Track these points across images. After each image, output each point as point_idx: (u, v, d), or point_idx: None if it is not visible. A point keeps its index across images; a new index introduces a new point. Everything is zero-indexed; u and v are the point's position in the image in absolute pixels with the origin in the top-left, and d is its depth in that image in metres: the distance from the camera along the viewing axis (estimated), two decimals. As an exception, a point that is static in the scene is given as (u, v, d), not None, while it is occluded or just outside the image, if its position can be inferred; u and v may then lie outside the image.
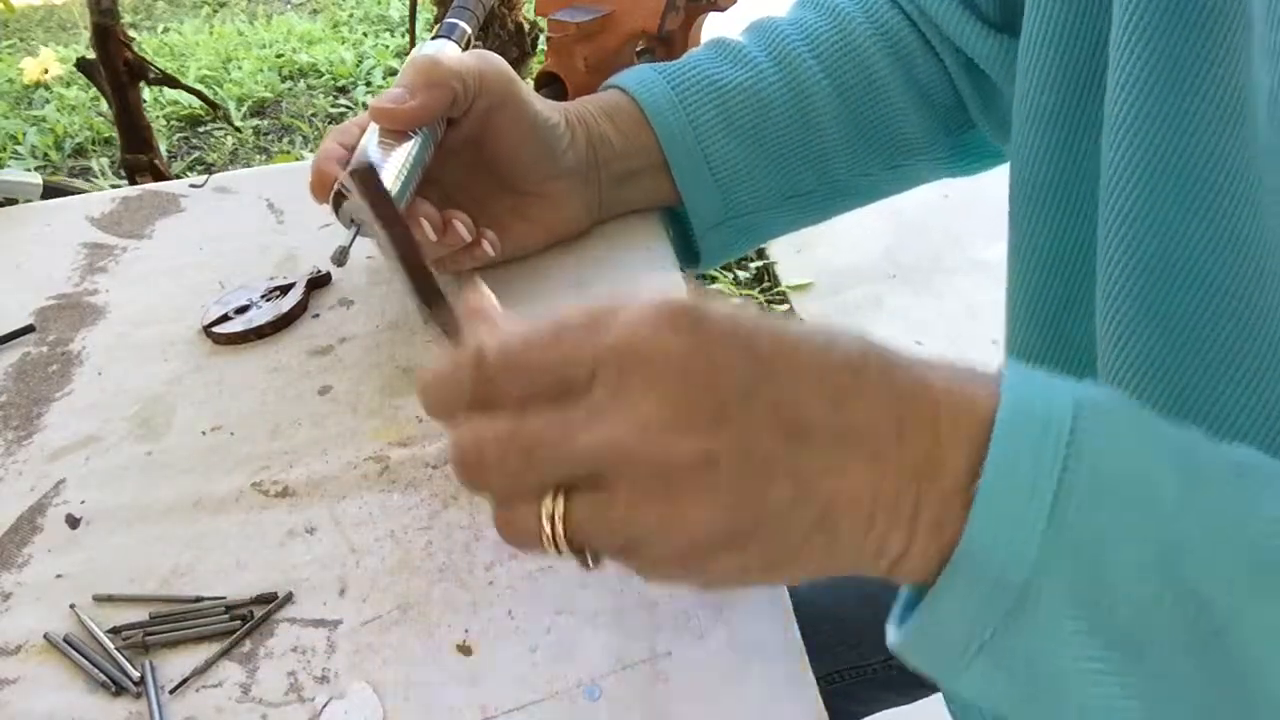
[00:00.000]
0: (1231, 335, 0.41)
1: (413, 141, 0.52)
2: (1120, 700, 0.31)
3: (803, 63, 0.60)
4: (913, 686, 0.74)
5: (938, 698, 0.68)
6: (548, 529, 0.31)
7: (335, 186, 0.50)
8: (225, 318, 0.58)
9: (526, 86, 0.55)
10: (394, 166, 0.50)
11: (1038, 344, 0.53)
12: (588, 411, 0.29)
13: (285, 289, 0.59)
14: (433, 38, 0.60)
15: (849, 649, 0.72)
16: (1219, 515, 0.29)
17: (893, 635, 0.33)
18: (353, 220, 0.51)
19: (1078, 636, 0.30)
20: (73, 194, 0.82)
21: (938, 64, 0.62)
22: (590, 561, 0.32)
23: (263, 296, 0.59)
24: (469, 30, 0.60)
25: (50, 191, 0.77)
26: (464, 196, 0.57)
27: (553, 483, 0.31)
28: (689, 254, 0.65)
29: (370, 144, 0.51)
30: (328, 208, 0.68)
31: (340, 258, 0.50)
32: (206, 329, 0.57)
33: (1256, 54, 0.36)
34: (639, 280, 0.58)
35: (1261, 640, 0.29)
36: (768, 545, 0.31)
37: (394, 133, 0.51)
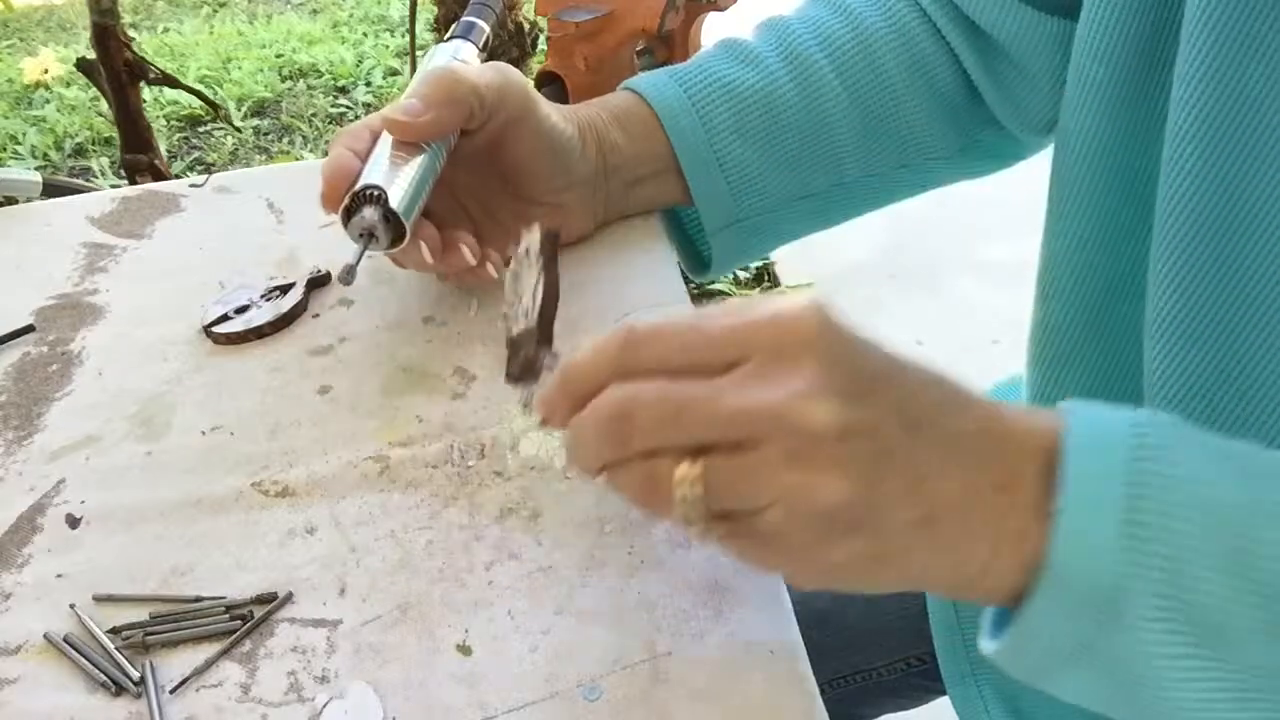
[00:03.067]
0: None
1: (425, 155, 0.51)
2: (1215, 695, 0.32)
3: (814, 62, 0.60)
4: (917, 691, 0.74)
5: (943, 702, 0.67)
6: (687, 482, 0.32)
7: (345, 201, 0.50)
8: (225, 318, 0.58)
9: (543, 99, 0.55)
10: (404, 182, 0.50)
11: (1079, 325, 0.53)
12: (739, 380, 0.32)
13: (285, 289, 0.59)
14: (449, 37, 0.59)
15: (853, 653, 0.72)
16: None
17: (987, 646, 0.35)
18: (361, 235, 0.50)
19: (1167, 637, 0.31)
20: (73, 192, 0.82)
21: (952, 61, 0.61)
22: (711, 530, 0.34)
23: (262, 296, 0.59)
24: (487, 29, 0.59)
25: (51, 190, 0.77)
26: (471, 201, 0.57)
27: (695, 444, 0.32)
28: (697, 261, 0.65)
29: (382, 155, 0.51)
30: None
31: (347, 277, 0.49)
32: (206, 329, 0.57)
33: None
34: (639, 283, 0.58)
35: None
36: (878, 536, 0.33)
37: (407, 144, 0.51)
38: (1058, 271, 0.53)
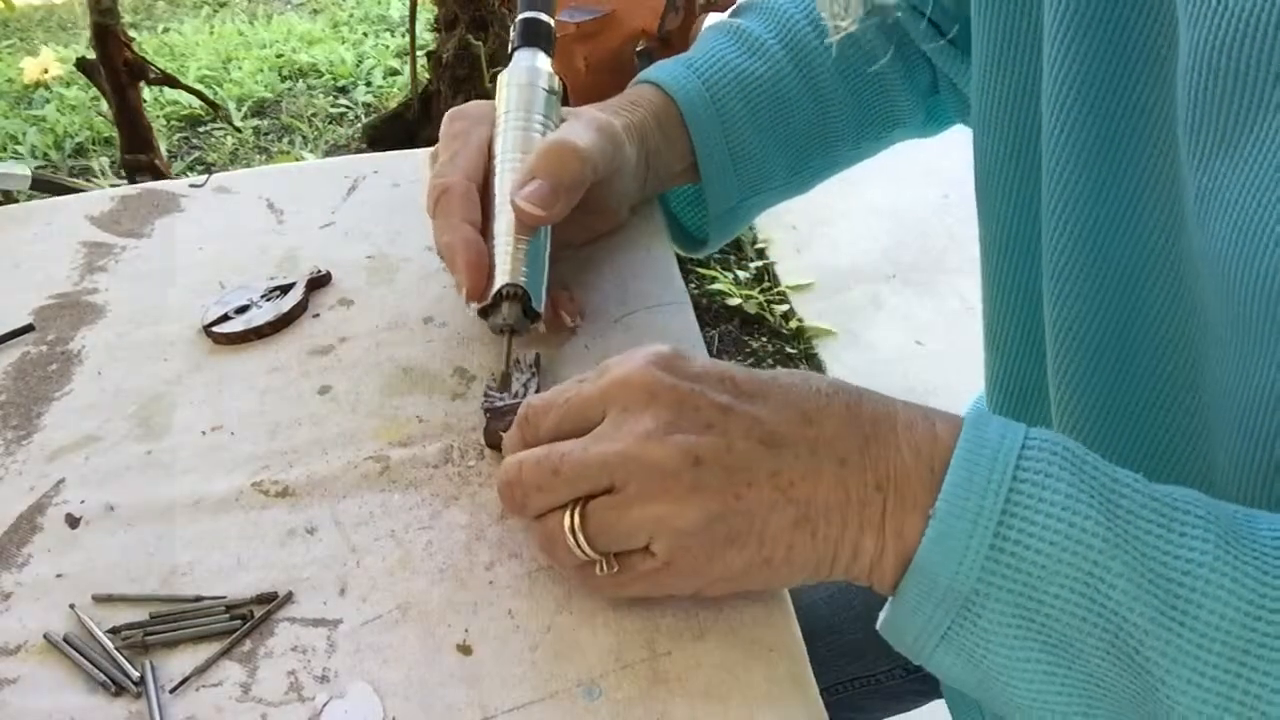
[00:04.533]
0: (1168, 375, 0.44)
1: (543, 232, 0.52)
2: (1058, 695, 0.35)
3: (810, 45, 0.61)
4: (913, 695, 0.74)
5: (939, 705, 0.68)
6: (569, 525, 0.37)
7: (489, 299, 0.50)
8: (225, 318, 0.58)
9: (627, 138, 0.54)
10: (535, 272, 0.51)
11: (1024, 388, 0.55)
12: (600, 435, 0.38)
13: (285, 289, 0.59)
14: (514, 47, 0.56)
15: (851, 662, 0.72)
16: (1140, 553, 0.33)
17: (880, 619, 0.39)
18: (501, 330, 0.50)
19: (1019, 639, 0.35)
20: (66, 189, 0.82)
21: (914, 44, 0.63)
22: (608, 565, 0.38)
23: (263, 296, 0.59)
24: (553, 23, 0.58)
25: (41, 185, 0.77)
26: None
27: (576, 495, 0.38)
28: (687, 240, 0.66)
29: (502, 235, 0.51)
30: (327, 205, 0.69)
31: (506, 383, 0.50)
32: (206, 329, 0.57)
33: (1183, 155, 0.38)
34: (639, 282, 0.58)
35: (1167, 662, 0.33)
36: (763, 541, 0.37)
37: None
38: (998, 325, 0.55)
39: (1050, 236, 0.45)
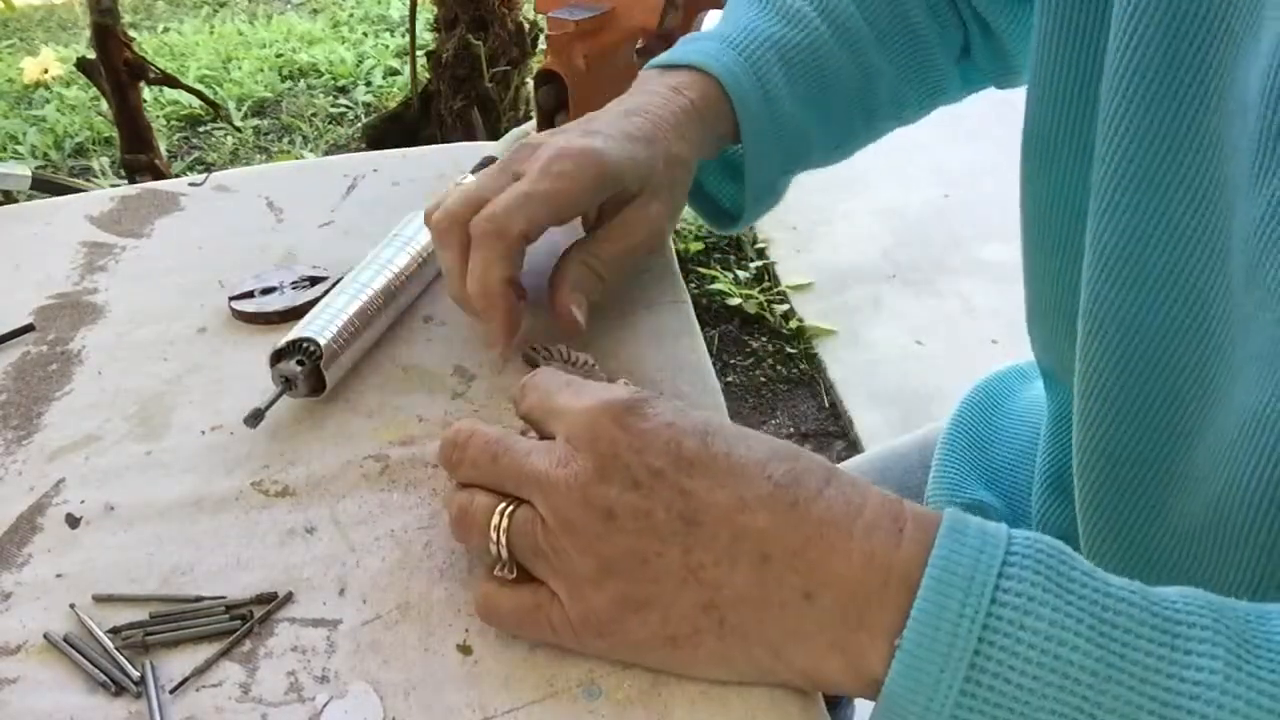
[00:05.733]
0: (1196, 399, 0.43)
1: (379, 316, 0.55)
2: None
3: (847, 12, 0.59)
4: None
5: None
6: (496, 520, 0.38)
7: (279, 344, 0.51)
8: (249, 294, 0.58)
9: (670, 177, 0.52)
10: (346, 339, 0.53)
11: (1051, 348, 0.54)
12: (544, 450, 0.38)
13: (317, 281, 0.59)
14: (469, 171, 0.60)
15: None
16: (1140, 679, 0.31)
17: None
18: (283, 378, 0.50)
19: None
20: (66, 189, 0.82)
21: (951, 4, 0.63)
22: (508, 570, 0.39)
23: (292, 284, 0.59)
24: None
25: (42, 185, 0.77)
26: None
27: (502, 487, 0.39)
28: (718, 215, 0.63)
29: (339, 311, 0.53)
30: (327, 204, 0.69)
31: (254, 420, 0.49)
32: (231, 299, 0.58)
33: (1241, 175, 0.37)
34: (639, 282, 0.58)
35: None
36: (668, 619, 0.36)
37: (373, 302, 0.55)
38: (1033, 296, 0.55)
39: (1099, 194, 0.43)
